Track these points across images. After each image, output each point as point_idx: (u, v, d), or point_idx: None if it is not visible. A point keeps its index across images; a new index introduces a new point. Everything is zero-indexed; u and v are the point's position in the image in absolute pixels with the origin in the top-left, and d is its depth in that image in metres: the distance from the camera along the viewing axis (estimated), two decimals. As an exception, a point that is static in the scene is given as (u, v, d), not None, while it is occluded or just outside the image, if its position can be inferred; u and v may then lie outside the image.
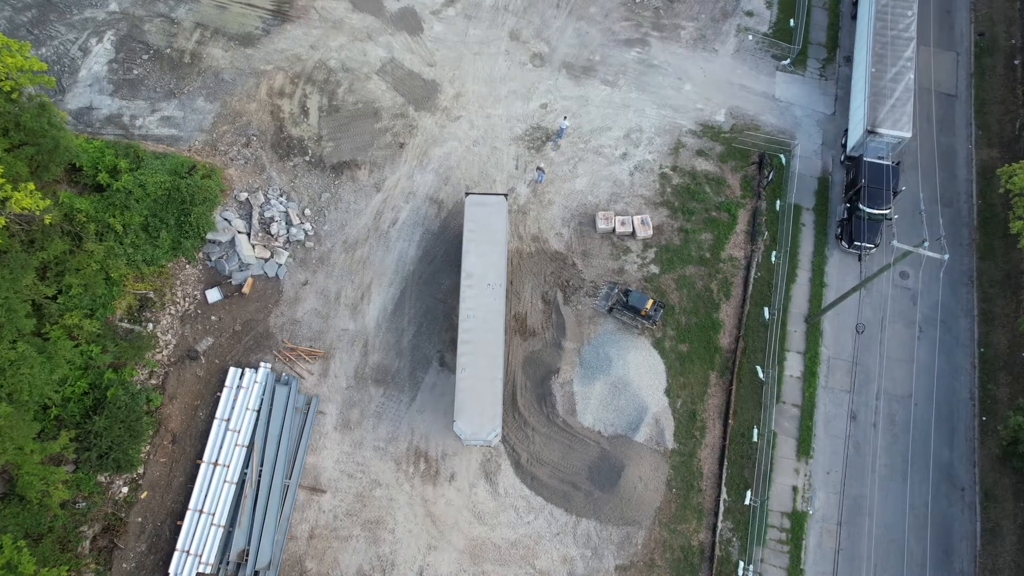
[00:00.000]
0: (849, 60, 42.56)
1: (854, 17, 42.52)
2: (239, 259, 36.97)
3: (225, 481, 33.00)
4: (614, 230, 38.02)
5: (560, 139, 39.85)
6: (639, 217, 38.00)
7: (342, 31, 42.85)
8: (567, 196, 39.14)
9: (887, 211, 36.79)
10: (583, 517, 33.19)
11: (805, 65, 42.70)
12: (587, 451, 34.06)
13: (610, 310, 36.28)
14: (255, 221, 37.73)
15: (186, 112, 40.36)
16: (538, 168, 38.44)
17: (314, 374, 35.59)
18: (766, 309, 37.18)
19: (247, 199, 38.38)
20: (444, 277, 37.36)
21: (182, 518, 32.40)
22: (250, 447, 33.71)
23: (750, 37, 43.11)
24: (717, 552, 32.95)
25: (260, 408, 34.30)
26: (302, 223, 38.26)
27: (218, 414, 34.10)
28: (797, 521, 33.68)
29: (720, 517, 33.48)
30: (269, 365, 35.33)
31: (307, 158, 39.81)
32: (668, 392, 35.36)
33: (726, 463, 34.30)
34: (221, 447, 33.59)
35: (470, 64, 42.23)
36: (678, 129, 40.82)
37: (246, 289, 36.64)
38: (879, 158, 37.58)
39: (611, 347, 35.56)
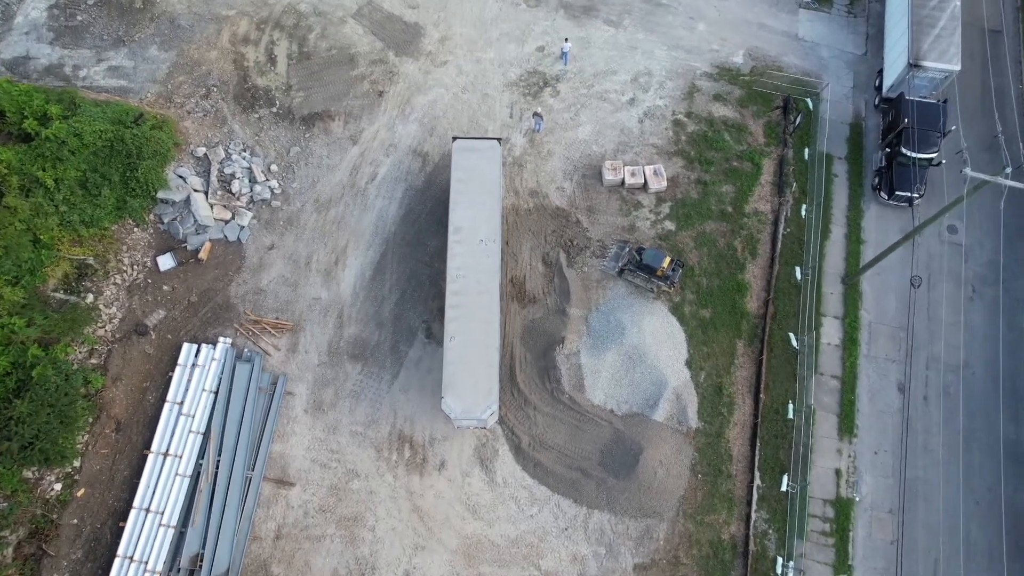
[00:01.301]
0: (879, -4, 37.39)
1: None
2: (195, 221, 31.61)
3: (177, 474, 27.64)
4: (623, 182, 32.78)
5: (566, 65, 34.68)
6: (651, 167, 32.76)
7: (314, -28, 37.49)
8: (569, 146, 33.88)
9: (934, 155, 31.58)
10: (595, 509, 27.91)
11: (831, 1, 37.53)
12: (598, 432, 28.76)
13: (621, 272, 31.04)
14: (214, 178, 32.37)
15: (137, 62, 35.01)
16: (535, 114, 33.19)
17: (281, 350, 30.24)
18: (798, 269, 31.96)
19: (205, 154, 33.02)
20: (430, 238, 32.06)
21: (126, 518, 27.02)
22: (206, 434, 28.35)
23: (769, -28, 37.90)
24: (752, 547, 27.71)
25: (218, 389, 28.96)
26: (267, 180, 32.91)
27: (169, 397, 28.75)
28: (842, 509, 28.43)
29: (754, 506, 28.23)
30: (229, 340, 29.98)
31: (274, 109, 34.50)
32: (690, 364, 30.09)
33: (759, 444, 29.05)
34: (173, 435, 28.23)
35: (457, 5, 36.99)
36: (691, 72, 35.61)
37: (203, 255, 31.29)
38: (922, 97, 32.39)
39: (623, 313, 30.28)
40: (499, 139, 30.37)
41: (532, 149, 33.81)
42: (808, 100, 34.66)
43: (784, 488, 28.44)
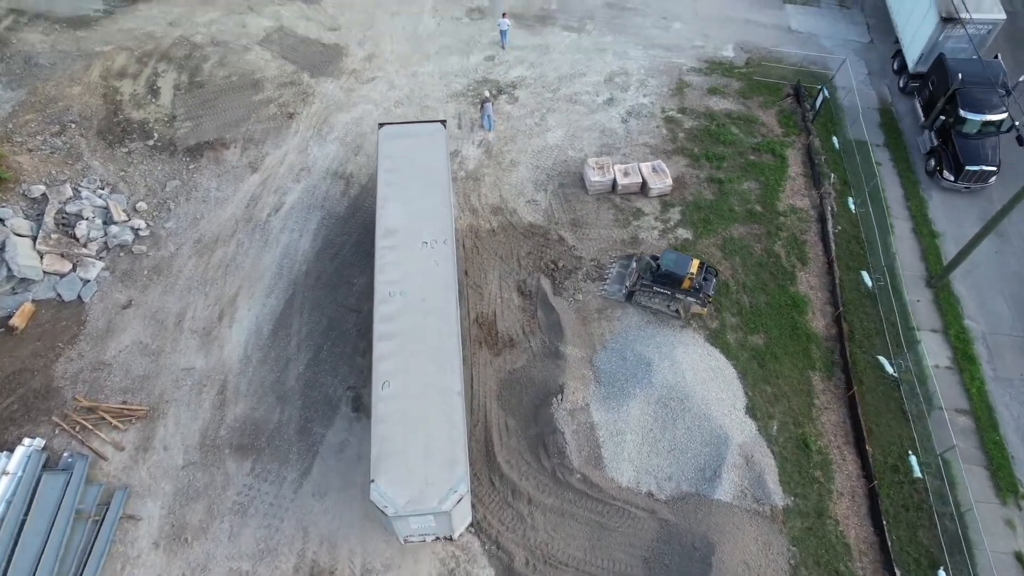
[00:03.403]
0: (869, -10, 31.64)
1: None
2: (11, 274, 20.93)
3: None
4: (614, 186, 23.72)
5: (504, 48, 27.62)
6: (649, 165, 23.94)
7: (214, 6, 30.25)
8: (537, 154, 25.07)
9: (1003, 116, 23.66)
10: (651, 664, 15.61)
11: (817, -3, 31.54)
12: (636, 530, 17.15)
13: (631, 295, 21.00)
14: (48, 219, 22.15)
15: (-29, 102, 25.94)
16: (483, 101, 24.83)
17: (125, 449, 18.52)
18: (865, 274, 22.45)
19: (44, 194, 23.02)
20: (357, 275, 21.86)
21: None
22: (-26, 602, 15.77)
23: (741, -26, 32.15)
24: None
25: (4, 517, 16.77)
26: (129, 220, 22.83)
27: (-80, 543, 16.38)
28: (1046, 618, 16.66)
29: (907, 629, 16.31)
30: (41, 442, 18.27)
31: (150, 142, 25.27)
32: (752, 410, 19.29)
33: (886, 524, 17.66)
34: (-87, 610, 15.56)
35: (386, 24, 29.68)
36: (676, 69, 28.10)
37: (17, 321, 20.32)
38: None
39: (645, 346, 19.85)
40: (443, 121, 21.31)
41: (490, 160, 24.86)
42: (821, 88, 27.06)
43: (944, 592, 16.76)
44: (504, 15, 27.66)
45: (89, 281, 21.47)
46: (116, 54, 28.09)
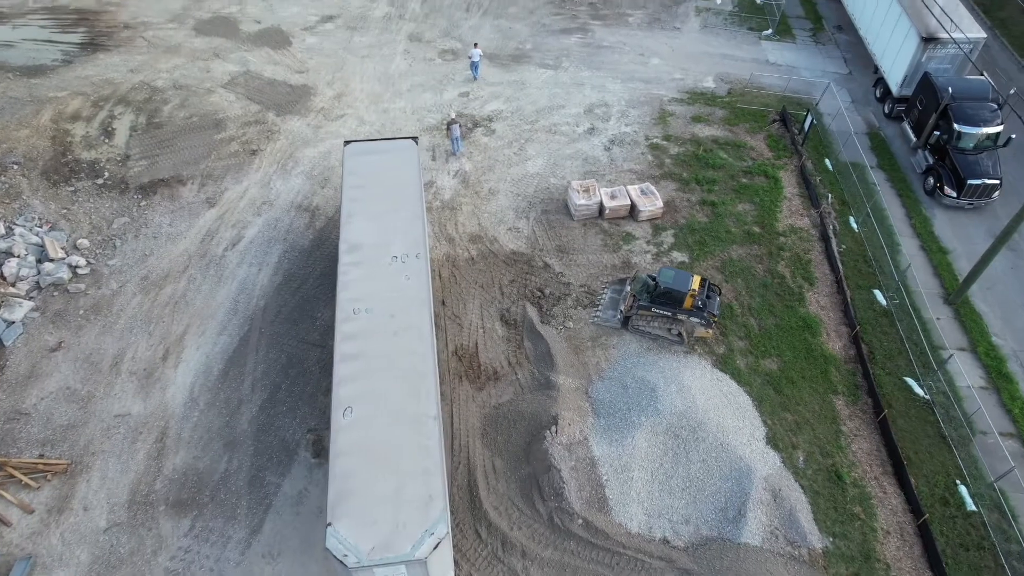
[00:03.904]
0: (841, 28, 31.80)
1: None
2: (-77, 317, 18.34)
3: None
4: (601, 210, 22.10)
5: (476, 79, 26.58)
6: (637, 187, 22.46)
7: (179, 54, 29.34)
8: (517, 182, 23.59)
9: (999, 128, 22.82)
10: None
11: (792, 35, 31.52)
12: (651, 582, 14.30)
13: (627, 320, 18.92)
14: (-27, 257, 19.82)
15: (-97, 146, 24.11)
16: (450, 123, 23.66)
17: (35, 511, 15.46)
18: (877, 292, 20.71)
19: (-28, 233, 20.81)
20: (320, 308, 19.61)
21: None
22: None
23: (714, 16, 32.26)
24: None
25: None
26: (66, 257, 20.57)
27: None
28: None
29: None
30: (-67, 506, 15.18)
31: (99, 181, 23.45)
32: (772, 440, 16.89)
33: (945, 566, 14.99)
34: None
35: (356, 66, 28.86)
36: (657, 100, 27.31)
37: (-75, 368, 17.57)
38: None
39: (647, 371, 17.59)
40: (415, 137, 19.77)
41: (466, 189, 23.27)
42: (809, 112, 26.30)
43: (1023, 646, 13.92)
44: (476, 45, 26.94)
45: (14, 323, 18.94)
46: (71, 99, 26.74)
